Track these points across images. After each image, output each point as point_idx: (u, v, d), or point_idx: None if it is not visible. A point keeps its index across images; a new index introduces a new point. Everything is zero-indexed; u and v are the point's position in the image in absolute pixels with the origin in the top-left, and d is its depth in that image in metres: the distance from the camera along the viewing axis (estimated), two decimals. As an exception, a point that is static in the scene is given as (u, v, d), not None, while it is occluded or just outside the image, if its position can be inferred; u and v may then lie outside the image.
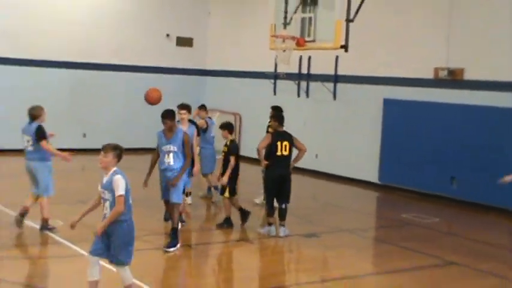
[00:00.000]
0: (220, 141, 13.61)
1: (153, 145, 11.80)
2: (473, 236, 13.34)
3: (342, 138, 19.39)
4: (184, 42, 24.10)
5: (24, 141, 11.95)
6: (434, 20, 16.95)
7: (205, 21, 24.41)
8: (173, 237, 11.03)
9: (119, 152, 7.87)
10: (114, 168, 7.81)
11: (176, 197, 11.08)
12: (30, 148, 11.78)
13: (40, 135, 11.87)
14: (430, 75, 16.92)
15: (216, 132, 14.91)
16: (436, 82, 16.82)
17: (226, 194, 12.47)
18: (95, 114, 21.75)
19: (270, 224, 12.30)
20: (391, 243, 12.53)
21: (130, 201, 7.86)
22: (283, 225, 12.32)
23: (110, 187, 7.72)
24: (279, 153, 12.19)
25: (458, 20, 16.37)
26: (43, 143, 11.86)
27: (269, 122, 14.23)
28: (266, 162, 12.29)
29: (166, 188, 11.14)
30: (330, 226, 13.62)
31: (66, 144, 16.84)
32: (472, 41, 16.13)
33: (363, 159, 18.68)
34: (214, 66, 24.26)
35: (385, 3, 17.35)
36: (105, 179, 7.80)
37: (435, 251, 11.81)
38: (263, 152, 12.28)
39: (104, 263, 8.07)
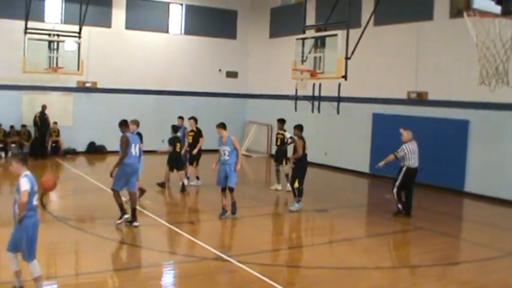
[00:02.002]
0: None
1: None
2: (434, 208, 13.31)
3: (343, 142, 19.34)
4: (231, 74, 24.14)
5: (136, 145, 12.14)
6: (406, 57, 16.91)
7: (246, 60, 24.41)
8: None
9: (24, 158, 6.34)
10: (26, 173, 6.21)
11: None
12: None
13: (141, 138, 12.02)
14: (404, 96, 16.93)
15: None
16: (408, 101, 16.82)
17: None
18: (169, 125, 21.76)
19: (298, 202, 12.22)
20: (378, 215, 12.53)
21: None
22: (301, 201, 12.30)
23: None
24: (306, 151, 12.25)
25: (423, 57, 16.41)
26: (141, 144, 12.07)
27: (279, 130, 14.67)
28: (295, 161, 12.22)
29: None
30: (335, 203, 13.68)
31: (152, 146, 17.26)
32: (433, 72, 16.14)
33: (359, 156, 18.59)
34: (253, 91, 24.22)
35: (372, 46, 17.21)
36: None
37: (409, 219, 11.77)
38: (300, 152, 12.12)
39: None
